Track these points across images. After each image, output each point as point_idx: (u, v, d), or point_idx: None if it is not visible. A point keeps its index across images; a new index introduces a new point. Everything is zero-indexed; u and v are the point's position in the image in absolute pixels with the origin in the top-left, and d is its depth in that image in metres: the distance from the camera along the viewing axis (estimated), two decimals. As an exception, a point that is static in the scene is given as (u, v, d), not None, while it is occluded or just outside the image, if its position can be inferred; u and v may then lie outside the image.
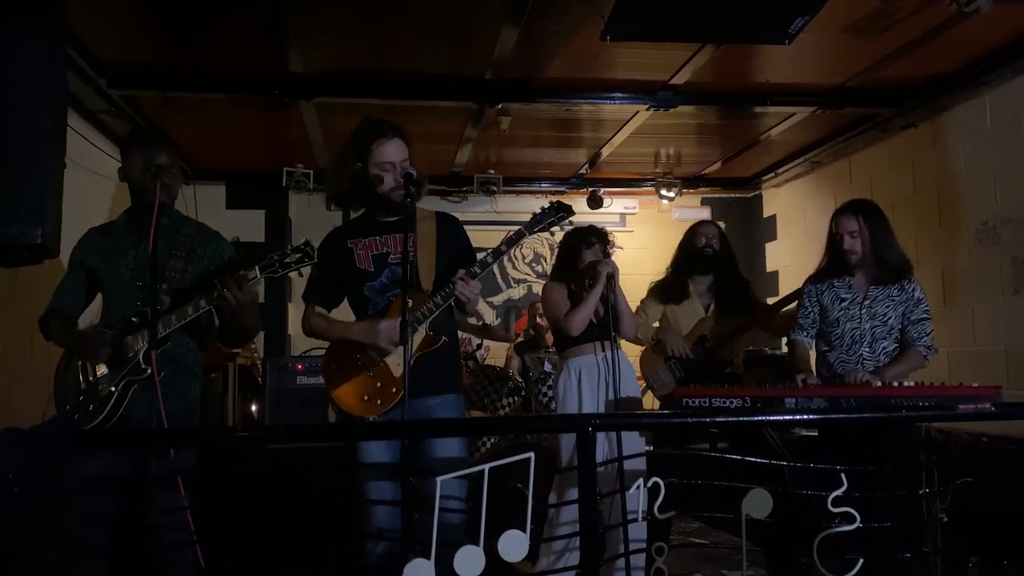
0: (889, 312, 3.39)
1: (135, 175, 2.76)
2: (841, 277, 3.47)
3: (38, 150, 2.16)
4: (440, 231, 2.90)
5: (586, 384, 3.64)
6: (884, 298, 3.40)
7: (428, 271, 2.81)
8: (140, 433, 2.56)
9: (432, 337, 2.74)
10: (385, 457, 2.72)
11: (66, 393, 2.72)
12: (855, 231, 3.38)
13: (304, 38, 4.37)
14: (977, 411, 2.46)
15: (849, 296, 3.45)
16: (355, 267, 2.84)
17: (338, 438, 2.99)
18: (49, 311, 2.88)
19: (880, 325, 3.39)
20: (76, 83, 4.60)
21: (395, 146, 2.79)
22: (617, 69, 4.90)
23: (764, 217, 8.05)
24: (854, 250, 3.39)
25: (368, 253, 2.85)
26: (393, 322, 2.66)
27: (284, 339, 7.36)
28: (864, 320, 3.41)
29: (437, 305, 2.71)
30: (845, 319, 3.44)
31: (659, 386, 4.20)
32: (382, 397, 2.73)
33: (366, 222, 2.92)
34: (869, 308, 3.41)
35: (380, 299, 2.82)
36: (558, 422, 3.25)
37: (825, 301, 3.50)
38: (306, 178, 6.84)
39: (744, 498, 2.05)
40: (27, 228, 2.11)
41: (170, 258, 2.78)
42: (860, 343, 3.40)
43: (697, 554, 4.09)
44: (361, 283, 2.83)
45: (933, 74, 5.00)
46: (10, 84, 2.10)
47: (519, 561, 1.87)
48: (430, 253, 2.84)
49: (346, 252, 2.86)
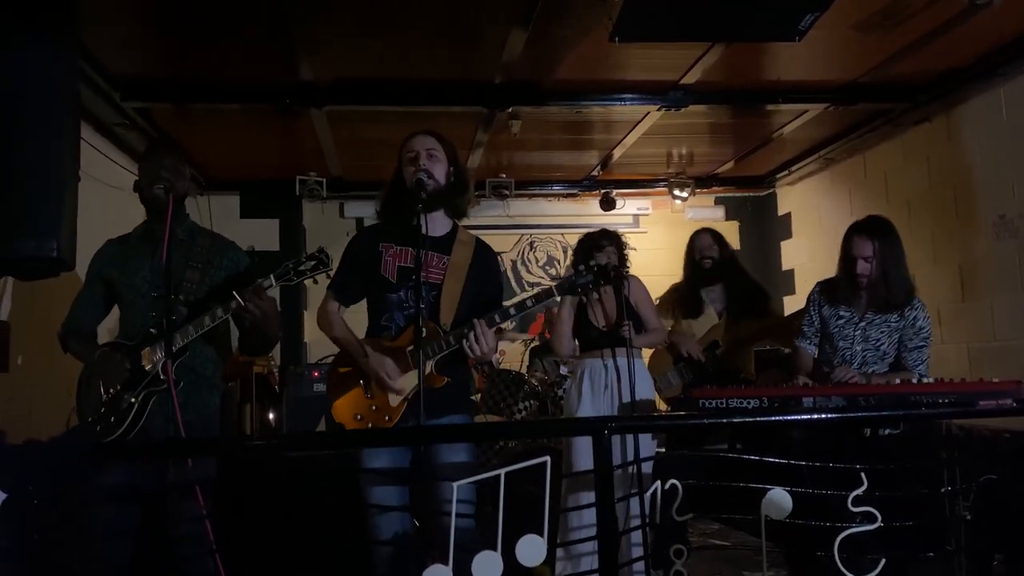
0: (883, 338, 3.34)
1: (144, 182, 2.77)
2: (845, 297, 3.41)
3: (52, 164, 2.17)
4: (475, 261, 2.78)
5: (587, 388, 3.67)
6: (881, 323, 3.34)
7: (451, 303, 2.70)
8: (155, 443, 2.57)
9: (435, 376, 2.61)
10: (387, 465, 2.65)
11: (88, 405, 2.73)
12: (869, 256, 3.30)
13: (314, 47, 4.39)
14: (999, 407, 2.43)
15: (847, 315, 3.40)
16: (379, 272, 2.75)
17: (350, 445, 2.96)
18: (68, 324, 2.90)
19: (872, 350, 3.34)
20: (89, 96, 4.65)
21: (420, 138, 2.76)
22: (627, 70, 4.89)
23: (779, 215, 8.00)
24: (865, 274, 3.31)
25: (395, 263, 2.74)
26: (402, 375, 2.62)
27: (301, 347, 7.38)
28: (856, 342, 3.36)
29: (448, 345, 2.61)
30: (839, 337, 3.39)
31: (666, 388, 4.20)
32: (374, 421, 2.66)
33: (404, 228, 2.73)
34: (864, 331, 3.36)
35: (398, 314, 2.71)
36: (574, 426, 3.24)
37: (825, 313, 3.46)
38: (319, 186, 6.85)
39: (763, 499, 2.04)
40: (42, 242, 2.12)
41: (186, 269, 2.78)
42: (850, 364, 3.35)
43: (717, 556, 4.07)
44: (382, 290, 2.75)
45: (946, 68, 4.95)
46: (23, 98, 2.11)
47: (537, 565, 1.87)
48: (458, 283, 2.72)
49: (375, 254, 2.77)
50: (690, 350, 4.07)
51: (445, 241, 2.78)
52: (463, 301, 2.71)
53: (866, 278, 3.31)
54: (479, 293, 2.76)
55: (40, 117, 2.15)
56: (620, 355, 3.64)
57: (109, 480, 2.64)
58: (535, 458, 1.86)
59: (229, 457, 2.92)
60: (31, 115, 2.13)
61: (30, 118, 2.13)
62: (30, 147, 2.13)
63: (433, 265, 2.72)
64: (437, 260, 2.74)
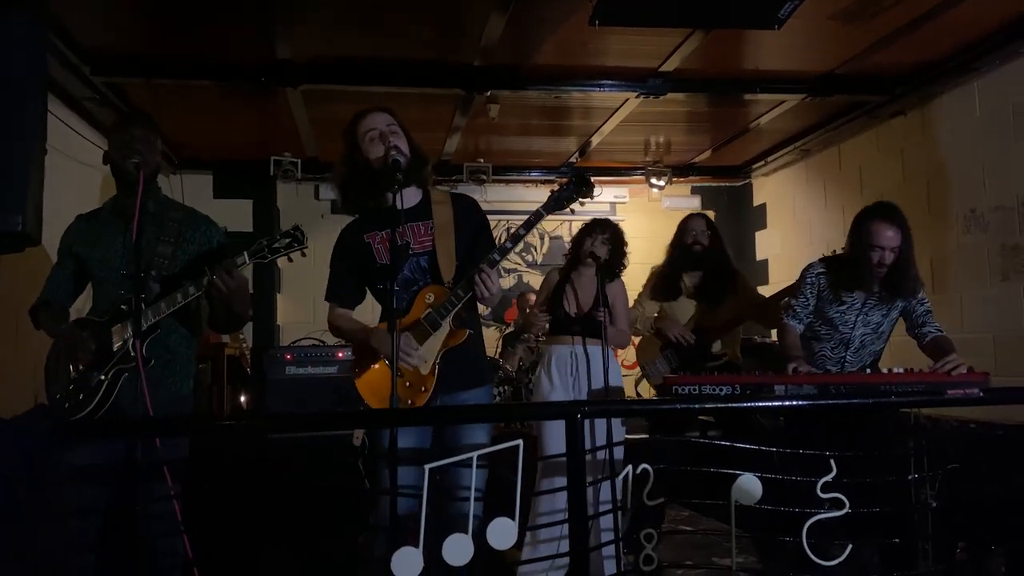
0: (883, 320, 3.31)
1: (114, 154, 2.71)
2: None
3: (17, 138, 2.13)
4: (456, 213, 2.80)
5: (555, 374, 3.74)
6: (882, 307, 3.30)
7: (448, 260, 2.70)
8: (124, 422, 2.54)
9: (456, 332, 2.65)
10: (412, 444, 2.61)
11: (57, 383, 2.68)
12: (896, 247, 3.15)
13: (291, 24, 4.33)
14: (966, 396, 2.47)
15: (850, 300, 3.29)
16: (375, 263, 2.74)
17: (330, 427, 2.96)
18: (40, 301, 2.84)
19: (871, 333, 3.32)
20: (59, 70, 4.54)
21: (376, 115, 2.75)
22: (606, 56, 4.88)
23: (754, 206, 8.05)
24: (887, 263, 3.16)
25: (386, 246, 2.70)
26: (412, 341, 2.61)
27: (274, 329, 7.32)
28: (857, 327, 3.31)
29: (459, 298, 2.62)
30: (839, 321, 3.32)
31: (654, 375, 4.21)
32: (413, 397, 2.63)
33: (380, 213, 2.75)
34: (865, 316, 3.29)
35: (405, 293, 2.69)
36: (547, 410, 3.25)
37: (825, 296, 3.33)
38: (294, 167, 6.78)
39: (733, 484, 2.05)
40: (8, 216, 2.09)
41: (158, 244, 2.72)
42: (846, 347, 3.32)
43: (687, 541, 4.10)
44: (384, 278, 2.66)
45: (922, 61, 4.99)
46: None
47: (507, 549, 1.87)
48: (449, 239, 2.73)
49: (363, 247, 2.77)
50: (678, 334, 4.07)
51: (422, 208, 2.79)
52: (459, 253, 2.73)
53: (884, 267, 3.17)
54: (472, 243, 2.77)
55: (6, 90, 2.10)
56: (588, 343, 3.69)
57: (76, 459, 2.58)
58: (505, 444, 1.86)
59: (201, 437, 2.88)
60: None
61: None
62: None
63: (420, 235, 2.74)
64: (422, 229, 2.74)
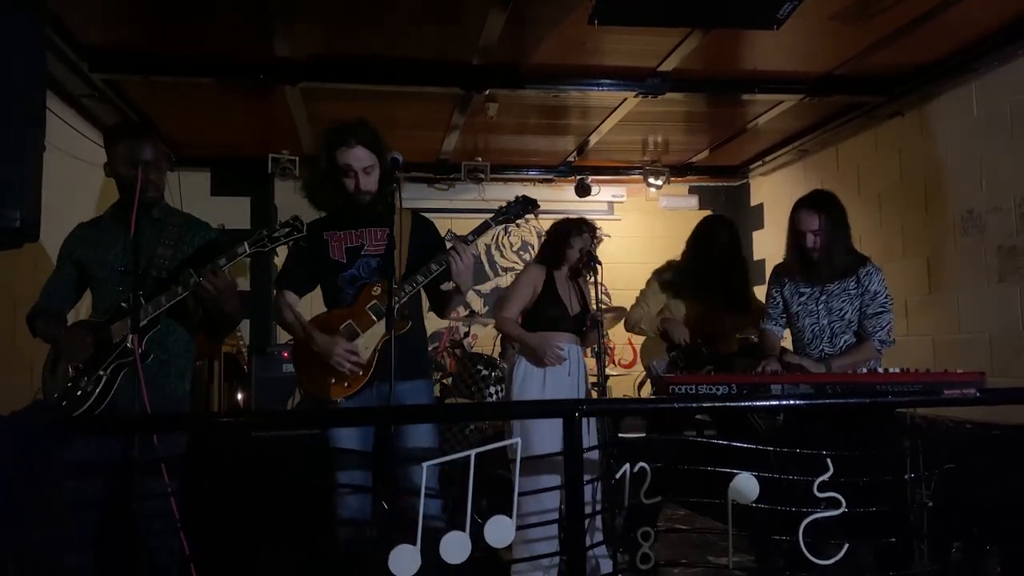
0: (846, 307, 3.41)
1: (121, 170, 2.76)
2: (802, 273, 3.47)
3: (15, 134, 2.12)
4: (414, 227, 3.04)
5: (550, 373, 3.67)
6: (840, 292, 3.41)
7: (399, 264, 2.89)
8: (121, 419, 2.54)
9: (398, 322, 2.78)
10: (355, 443, 2.79)
11: (55, 384, 2.69)
12: (816, 229, 3.38)
13: (290, 22, 4.32)
14: (962, 396, 2.48)
15: (807, 291, 3.47)
16: (328, 258, 2.96)
17: (316, 424, 3.05)
18: (37, 309, 2.87)
19: (838, 320, 3.41)
20: (58, 67, 4.53)
21: (356, 154, 2.88)
22: (605, 55, 4.88)
23: (751, 206, 8.05)
24: (814, 247, 3.40)
25: (342, 245, 2.97)
26: (349, 345, 2.82)
27: (270, 327, 7.31)
28: (822, 316, 3.43)
29: (429, 273, 2.83)
30: (804, 314, 3.46)
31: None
32: (350, 380, 2.84)
33: (344, 215, 3.01)
34: (827, 303, 3.43)
35: (350, 288, 2.93)
36: (544, 408, 3.25)
37: (786, 294, 3.53)
38: (292, 165, 6.77)
39: (730, 484, 2.06)
40: (5, 212, 2.08)
41: (158, 246, 2.79)
42: (820, 338, 3.43)
43: (683, 540, 4.11)
44: (334, 273, 2.95)
45: (921, 62, 5.00)
46: (-13, 66, 2.06)
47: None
48: (402, 247, 2.94)
49: (321, 243, 2.97)
50: (682, 338, 4.06)
51: (384, 216, 2.93)
52: (409, 261, 2.93)
53: (816, 251, 3.39)
54: (423, 257, 2.94)
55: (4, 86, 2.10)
56: (575, 343, 3.71)
57: (74, 455, 2.60)
58: (505, 442, 1.86)
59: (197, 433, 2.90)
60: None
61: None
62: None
63: (376, 239, 2.95)
64: (379, 234, 2.95)
